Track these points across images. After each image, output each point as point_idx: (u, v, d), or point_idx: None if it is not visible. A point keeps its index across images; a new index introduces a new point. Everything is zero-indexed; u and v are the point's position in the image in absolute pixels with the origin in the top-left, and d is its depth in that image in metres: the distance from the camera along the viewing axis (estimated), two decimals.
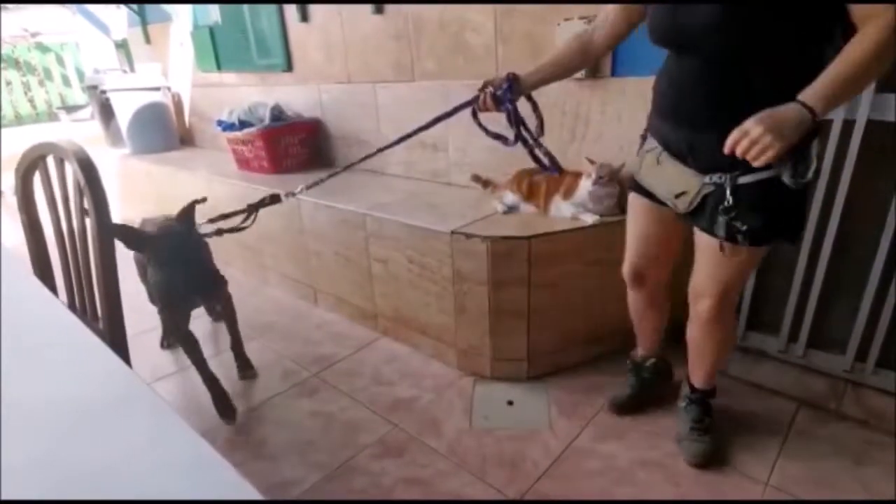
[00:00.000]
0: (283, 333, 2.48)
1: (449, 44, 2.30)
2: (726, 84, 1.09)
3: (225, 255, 3.33)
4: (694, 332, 1.49)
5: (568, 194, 1.95)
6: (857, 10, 0.94)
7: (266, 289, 2.98)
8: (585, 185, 1.89)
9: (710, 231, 1.25)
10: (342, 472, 1.60)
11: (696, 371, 1.58)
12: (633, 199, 1.52)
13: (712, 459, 1.56)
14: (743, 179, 1.17)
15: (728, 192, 1.16)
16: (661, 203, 1.39)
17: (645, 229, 1.51)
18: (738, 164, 1.08)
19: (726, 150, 1.01)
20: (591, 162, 1.87)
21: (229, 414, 1.84)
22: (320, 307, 2.69)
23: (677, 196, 1.30)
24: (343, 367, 2.19)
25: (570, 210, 1.94)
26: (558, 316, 1.96)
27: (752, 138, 0.97)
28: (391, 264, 2.20)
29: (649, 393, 1.80)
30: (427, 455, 1.67)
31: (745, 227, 1.16)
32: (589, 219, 1.89)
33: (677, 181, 1.29)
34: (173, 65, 4.09)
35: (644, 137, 1.46)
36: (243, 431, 1.84)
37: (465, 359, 2.07)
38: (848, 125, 1.57)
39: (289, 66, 3.10)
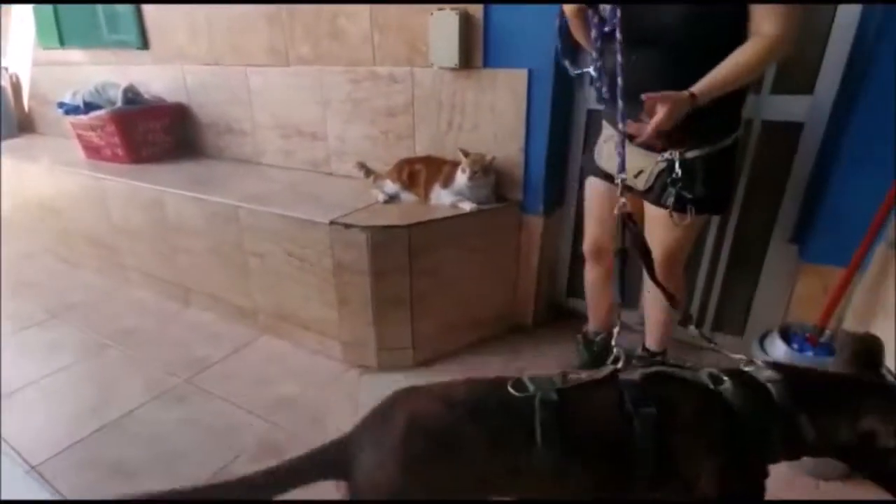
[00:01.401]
0: (147, 338, 2.25)
1: (325, 29, 2.22)
2: (681, 73, 1.21)
3: (70, 253, 2.96)
4: (645, 298, 1.67)
5: (447, 183, 1.99)
6: (752, 21, 1.18)
7: (127, 290, 2.68)
8: (463, 175, 1.94)
9: (660, 203, 1.41)
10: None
11: (649, 334, 1.74)
12: (593, 183, 1.64)
13: None
14: (690, 154, 1.34)
15: (677, 165, 1.33)
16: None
17: (603, 209, 1.61)
18: (687, 141, 1.30)
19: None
20: (465, 154, 1.92)
21: None
22: (193, 307, 2.49)
23: (636, 175, 1.43)
24: (219, 369, 2.04)
25: (450, 198, 1.98)
26: (441, 303, 2.00)
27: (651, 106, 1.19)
28: (269, 258, 2.09)
29: (597, 365, 1.88)
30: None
31: (690, 196, 1.34)
32: (467, 206, 1.94)
33: (636, 162, 1.41)
34: (11, 41, 3.51)
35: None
36: (97, 449, 1.64)
37: (350, 351, 2.03)
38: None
39: (144, 44, 2.80)
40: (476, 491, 0.85)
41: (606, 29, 1.27)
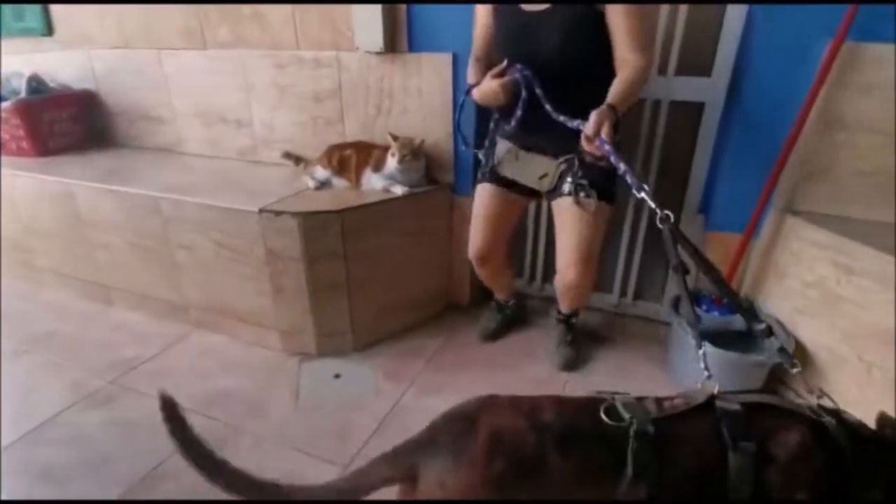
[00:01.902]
0: (68, 342, 2.13)
1: (243, 10, 2.15)
2: (567, 96, 1.37)
3: None
4: (559, 289, 1.74)
5: (378, 167, 2.00)
6: (616, 58, 1.38)
7: (42, 293, 2.51)
8: (393, 159, 1.96)
9: (564, 194, 1.56)
10: (148, 482, 1.46)
11: (562, 304, 1.89)
12: (487, 188, 1.75)
13: (576, 363, 1.92)
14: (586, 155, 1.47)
15: (576, 161, 1.50)
16: (513, 191, 1.71)
17: (493, 211, 1.75)
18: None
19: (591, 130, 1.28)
20: (394, 139, 1.94)
21: None
22: (117, 307, 2.37)
23: (541, 178, 1.60)
24: (149, 368, 1.97)
25: (381, 182, 1.99)
26: (377, 287, 2.02)
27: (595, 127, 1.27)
28: (197, 250, 2.02)
29: (510, 324, 2.17)
30: (251, 442, 1.61)
31: (588, 182, 1.50)
32: (399, 190, 1.97)
33: (538, 167, 1.60)
34: None
35: (490, 142, 1.73)
36: (23, 457, 1.56)
37: (288, 340, 2.02)
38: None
39: (49, 30, 2.59)
40: None
41: (511, 125, 1.49)
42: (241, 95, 2.31)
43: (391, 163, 1.95)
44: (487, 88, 1.46)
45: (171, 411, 0.81)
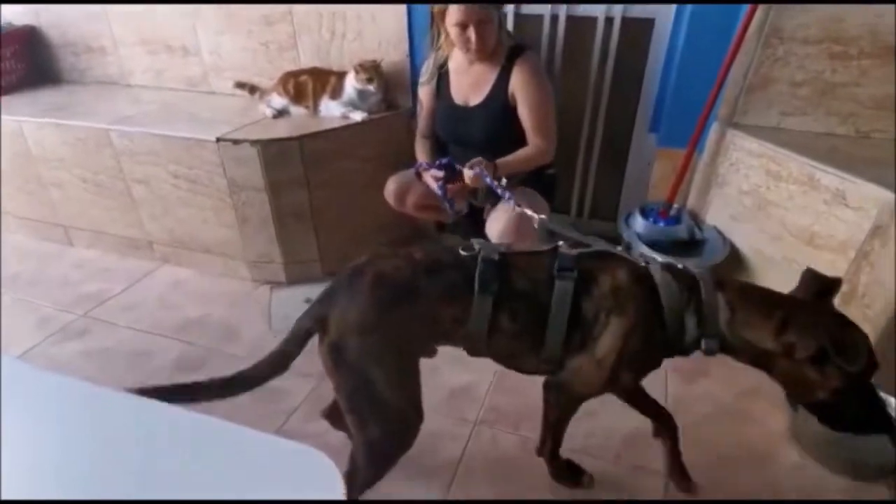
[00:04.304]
0: (31, 281, 2.12)
1: None
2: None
3: None
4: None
5: (335, 94, 1.99)
6: (528, 136, 1.69)
7: None
8: (351, 83, 1.95)
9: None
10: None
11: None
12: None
13: None
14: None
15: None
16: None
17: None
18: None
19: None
20: (362, 68, 1.93)
21: None
22: (77, 246, 2.34)
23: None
24: (118, 302, 2.00)
25: (339, 109, 1.98)
26: (343, 212, 2.06)
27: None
28: (154, 183, 2.00)
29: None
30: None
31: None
32: (357, 116, 1.97)
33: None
34: None
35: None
36: None
37: (256, 269, 2.06)
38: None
39: None
40: (430, 335, 1.03)
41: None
42: (185, 21, 2.20)
43: (349, 85, 1.94)
44: (431, 181, 1.76)
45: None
